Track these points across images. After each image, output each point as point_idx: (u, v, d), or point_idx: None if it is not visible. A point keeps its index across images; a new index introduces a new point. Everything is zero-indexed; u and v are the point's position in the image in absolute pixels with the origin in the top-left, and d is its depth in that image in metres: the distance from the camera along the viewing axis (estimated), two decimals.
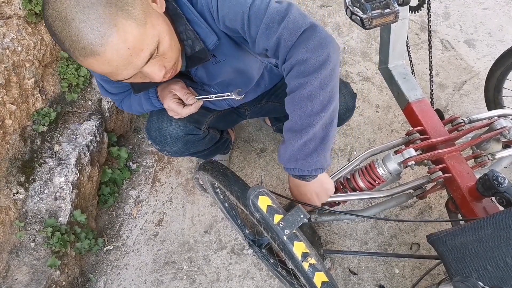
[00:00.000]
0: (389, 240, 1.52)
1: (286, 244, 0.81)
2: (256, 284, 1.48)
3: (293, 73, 0.85)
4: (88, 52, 0.70)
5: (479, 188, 0.97)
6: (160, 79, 0.84)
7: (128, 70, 0.76)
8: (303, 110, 0.85)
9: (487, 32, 2.13)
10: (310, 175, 0.92)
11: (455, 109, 1.87)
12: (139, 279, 1.53)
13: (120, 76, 0.78)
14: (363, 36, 2.20)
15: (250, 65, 1.12)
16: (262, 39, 0.86)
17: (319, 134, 0.86)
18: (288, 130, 0.90)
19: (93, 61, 0.72)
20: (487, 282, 0.74)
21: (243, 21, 0.85)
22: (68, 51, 0.73)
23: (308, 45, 0.82)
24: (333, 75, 0.84)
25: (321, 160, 0.89)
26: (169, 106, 1.09)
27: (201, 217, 1.67)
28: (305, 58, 0.82)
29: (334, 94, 0.86)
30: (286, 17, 0.83)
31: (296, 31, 0.82)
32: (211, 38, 0.93)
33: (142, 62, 0.76)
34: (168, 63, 0.84)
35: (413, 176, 1.65)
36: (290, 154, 0.90)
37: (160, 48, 0.79)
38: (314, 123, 0.85)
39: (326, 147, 0.89)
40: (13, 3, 1.42)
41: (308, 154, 0.88)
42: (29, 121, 1.45)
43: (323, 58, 0.82)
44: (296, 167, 0.91)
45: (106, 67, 0.74)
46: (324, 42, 0.82)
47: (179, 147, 1.26)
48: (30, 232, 1.36)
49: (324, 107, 0.84)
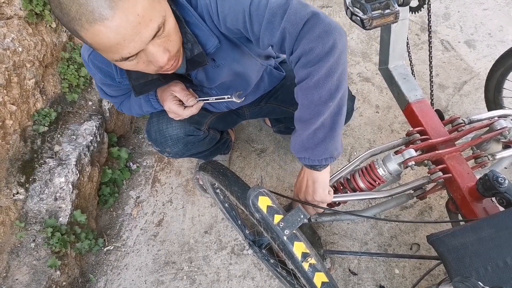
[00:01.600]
0: (389, 241, 1.52)
1: (286, 244, 0.81)
2: (256, 284, 1.48)
3: (301, 63, 0.84)
4: (97, 16, 0.68)
5: (479, 188, 0.97)
6: (164, 62, 0.82)
7: (135, 43, 0.74)
8: (311, 100, 0.85)
9: (487, 33, 2.13)
10: (321, 164, 0.92)
11: (455, 110, 1.87)
12: (139, 280, 1.53)
13: (126, 50, 0.75)
14: (363, 36, 2.20)
15: (249, 68, 1.12)
16: (266, 35, 0.85)
17: (327, 122, 0.86)
18: (297, 120, 0.90)
19: (100, 28, 0.70)
20: (487, 282, 0.74)
21: (245, 20, 0.85)
22: (73, 20, 0.70)
23: (312, 34, 0.81)
24: (340, 62, 0.83)
25: (330, 149, 0.89)
26: (170, 108, 1.09)
27: (201, 217, 1.67)
28: (311, 47, 0.81)
29: (342, 81, 0.85)
30: (287, 9, 0.82)
31: (298, 22, 0.81)
32: (212, 41, 0.92)
33: (149, 34, 0.75)
34: (172, 47, 0.83)
35: (413, 176, 1.65)
36: (300, 143, 0.90)
37: (166, 27, 0.79)
38: (322, 112, 0.85)
39: (336, 135, 0.88)
40: (13, 3, 1.42)
41: (317, 143, 0.88)
42: (29, 122, 1.45)
43: (329, 45, 0.81)
44: (307, 157, 0.91)
45: (114, 35, 0.71)
46: (329, 29, 0.81)
47: (179, 148, 1.26)
48: (30, 232, 1.36)
49: (332, 96, 0.84)
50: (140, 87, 1.00)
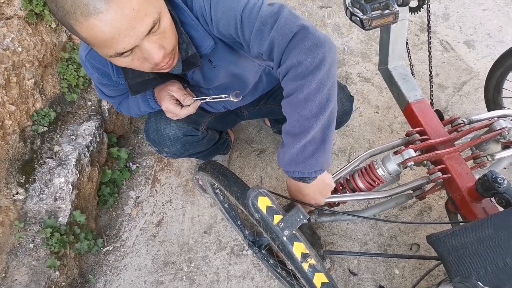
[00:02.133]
0: (389, 241, 1.52)
1: (286, 244, 0.81)
2: (256, 284, 1.48)
3: (289, 76, 0.83)
4: (92, 9, 0.68)
5: (479, 188, 0.97)
6: (159, 59, 0.82)
7: (129, 38, 0.74)
8: (301, 114, 0.83)
9: (486, 33, 2.13)
10: (310, 177, 0.91)
11: (455, 110, 1.87)
12: (138, 280, 1.53)
13: (121, 45, 0.75)
14: (363, 37, 2.20)
15: (246, 70, 1.12)
16: (255, 42, 0.85)
17: (318, 136, 0.85)
18: (286, 133, 0.89)
19: (95, 21, 0.70)
20: (487, 282, 0.74)
21: (237, 26, 0.85)
22: (68, 14, 0.70)
23: (302, 47, 0.80)
24: (330, 76, 0.83)
25: (321, 162, 0.88)
26: (167, 108, 1.09)
27: (200, 217, 1.67)
28: (300, 60, 0.80)
29: (332, 95, 0.84)
30: (277, 19, 0.81)
31: (288, 33, 0.81)
32: (208, 42, 0.92)
33: (144, 29, 0.75)
34: (168, 45, 0.83)
35: (413, 176, 1.65)
36: (290, 157, 0.89)
37: (162, 24, 0.78)
38: (312, 126, 0.84)
39: (326, 148, 0.88)
40: (13, 3, 1.42)
41: (308, 157, 0.87)
42: (28, 122, 1.45)
43: (318, 59, 0.80)
44: (296, 170, 0.90)
45: (109, 29, 0.71)
46: (318, 43, 0.81)
47: (177, 148, 1.26)
48: (30, 232, 1.36)
49: (322, 109, 0.83)
50: (136, 86, 1.00)
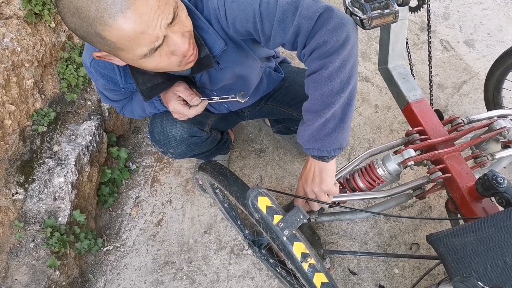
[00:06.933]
0: (389, 240, 1.52)
1: (286, 244, 0.81)
2: (256, 284, 1.48)
3: (314, 55, 0.85)
4: (118, 8, 0.70)
5: (479, 188, 0.97)
6: (185, 48, 0.83)
7: (157, 30, 0.75)
8: (323, 91, 0.86)
9: (486, 33, 2.13)
10: (329, 155, 0.92)
11: (455, 110, 1.87)
12: (138, 280, 1.53)
13: (152, 38, 0.76)
14: (363, 36, 2.20)
15: (251, 71, 1.12)
16: (278, 33, 0.86)
17: (338, 113, 0.88)
18: (307, 110, 0.91)
19: (124, 20, 0.71)
20: (486, 282, 0.74)
21: (255, 20, 0.85)
22: (94, 21, 0.71)
23: (327, 27, 0.82)
24: (352, 54, 0.85)
25: (340, 140, 0.90)
26: (175, 108, 1.08)
27: (200, 217, 1.67)
28: (325, 40, 0.82)
29: (353, 73, 0.87)
30: (299, 6, 0.83)
31: (312, 16, 0.82)
32: (218, 44, 0.93)
33: (168, 19, 0.76)
34: (188, 33, 0.84)
35: (413, 176, 1.65)
36: (310, 134, 0.91)
37: (179, 13, 0.80)
38: (333, 103, 0.86)
39: (345, 126, 0.90)
40: (12, 3, 1.42)
41: (327, 133, 0.89)
42: (28, 122, 1.45)
43: (343, 38, 0.82)
44: (315, 147, 0.91)
45: (138, 24, 0.72)
46: (342, 22, 0.83)
47: (183, 149, 1.26)
48: (30, 232, 1.36)
49: (344, 87, 0.85)
50: (147, 91, 1.00)
